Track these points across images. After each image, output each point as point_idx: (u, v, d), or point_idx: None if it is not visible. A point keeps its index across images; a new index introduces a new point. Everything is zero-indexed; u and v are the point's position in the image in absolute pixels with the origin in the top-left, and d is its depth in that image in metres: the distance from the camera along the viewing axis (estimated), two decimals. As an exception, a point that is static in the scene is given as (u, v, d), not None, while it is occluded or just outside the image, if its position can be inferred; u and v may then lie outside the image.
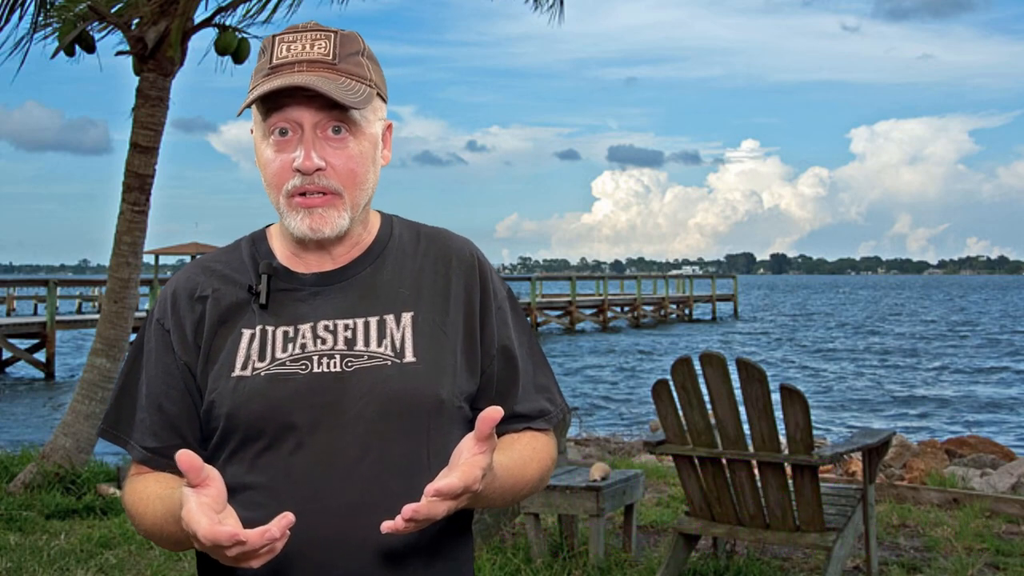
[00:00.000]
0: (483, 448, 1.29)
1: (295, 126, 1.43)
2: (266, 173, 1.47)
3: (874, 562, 4.78)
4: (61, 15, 7.07)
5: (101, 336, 6.98)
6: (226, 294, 1.50)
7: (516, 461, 1.47)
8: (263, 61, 1.46)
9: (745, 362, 4.34)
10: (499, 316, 1.56)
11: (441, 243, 1.58)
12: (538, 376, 1.59)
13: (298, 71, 1.42)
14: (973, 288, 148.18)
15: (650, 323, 44.10)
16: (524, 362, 1.57)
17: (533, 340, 1.62)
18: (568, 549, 5.11)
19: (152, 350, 1.51)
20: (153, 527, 1.43)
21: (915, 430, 15.12)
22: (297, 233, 1.46)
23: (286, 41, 1.45)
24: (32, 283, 37.60)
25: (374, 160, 1.50)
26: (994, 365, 27.11)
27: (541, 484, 1.55)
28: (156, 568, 5.01)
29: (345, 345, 1.45)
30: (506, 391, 1.54)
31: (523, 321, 1.62)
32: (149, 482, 1.47)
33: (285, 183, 1.44)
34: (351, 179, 1.45)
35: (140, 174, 6.98)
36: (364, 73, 1.47)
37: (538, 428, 1.57)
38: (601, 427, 14.12)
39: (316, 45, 1.44)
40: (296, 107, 1.42)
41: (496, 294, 1.57)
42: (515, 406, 1.54)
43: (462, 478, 1.26)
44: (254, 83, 1.46)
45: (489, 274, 1.58)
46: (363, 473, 1.40)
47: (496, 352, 1.54)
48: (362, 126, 1.46)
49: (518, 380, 1.55)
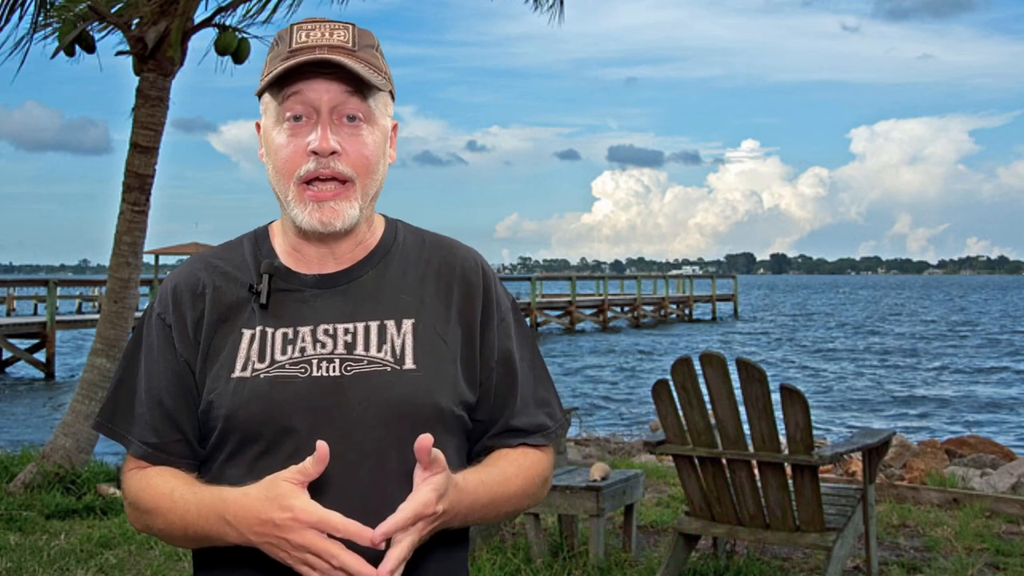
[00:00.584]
0: (432, 471, 1.32)
1: (311, 111, 1.43)
2: (277, 159, 1.46)
3: (874, 562, 4.77)
4: (61, 15, 7.07)
5: (101, 336, 6.99)
6: (227, 292, 1.49)
7: (495, 477, 1.46)
8: (281, 48, 1.46)
9: (745, 362, 4.34)
10: (502, 328, 1.54)
11: (446, 252, 1.57)
12: (539, 390, 1.57)
13: (319, 53, 1.42)
14: (973, 288, 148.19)
15: (650, 323, 44.09)
16: (524, 375, 1.56)
17: (536, 354, 1.60)
18: (568, 549, 5.11)
19: (153, 345, 1.49)
20: (177, 522, 1.40)
21: (915, 430, 15.12)
22: (305, 226, 1.45)
23: (305, 29, 1.46)
24: (32, 283, 37.61)
25: (384, 153, 1.51)
26: (994, 365, 27.10)
27: (527, 500, 1.53)
28: (156, 568, 5.01)
29: (345, 349, 1.44)
30: (503, 403, 1.53)
31: (527, 334, 1.60)
32: (166, 476, 1.44)
33: (298, 168, 1.44)
34: (364, 166, 1.46)
35: (140, 174, 6.98)
36: (380, 65, 1.49)
37: (534, 444, 1.55)
38: (601, 427, 14.12)
39: (335, 33, 1.45)
40: (314, 90, 1.43)
41: (499, 305, 1.56)
42: (512, 419, 1.53)
43: (411, 507, 1.30)
44: (270, 68, 1.46)
45: (493, 285, 1.56)
46: (361, 479, 1.39)
47: (496, 364, 1.52)
48: (376, 117, 1.47)
49: (516, 392, 1.54)
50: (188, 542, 1.43)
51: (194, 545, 1.44)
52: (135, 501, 1.46)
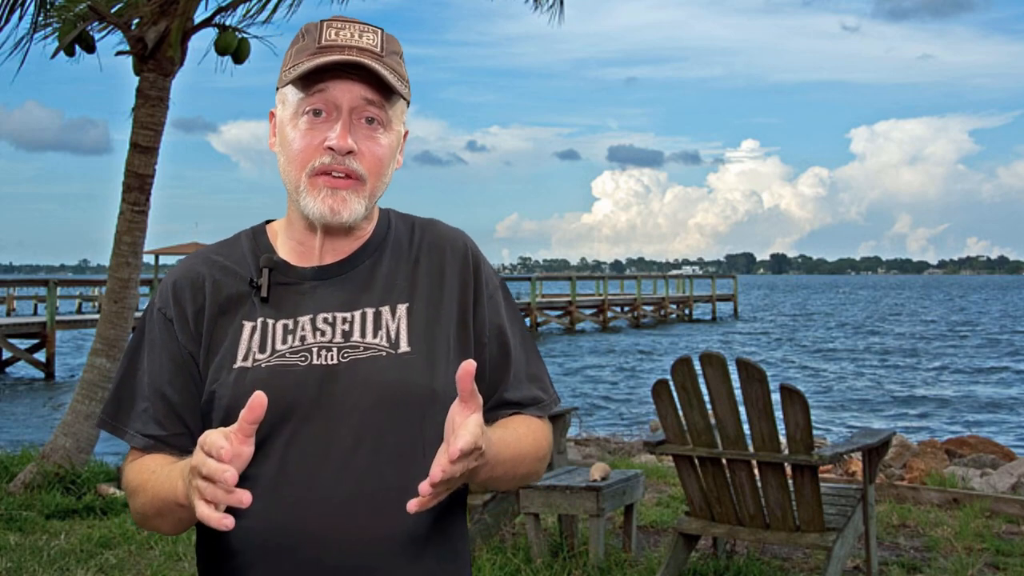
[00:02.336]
0: (471, 407, 1.30)
1: (331, 108, 1.46)
2: (291, 150, 1.48)
3: (874, 562, 4.77)
4: (61, 15, 7.07)
5: (101, 336, 6.99)
6: (226, 285, 1.52)
7: (510, 434, 1.48)
8: (308, 41, 1.48)
9: (745, 362, 4.34)
10: (491, 304, 1.57)
11: (435, 233, 1.60)
12: (530, 365, 1.60)
13: (348, 55, 1.44)
14: (973, 288, 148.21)
15: (650, 323, 44.10)
16: (517, 350, 1.58)
17: (525, 330, 1.64)
18: (568, 549, 5.11)
19: (155, 339, 1.51)
20: (154, 498, 1.42)
21: (915, 430, 15.13)
22: (314, 214, 1.47)
23: (334, 27, 1.48)
24: (32, 283, 37.63)
25: (394, 158, 1.53)
26: (994, 365, 27.11)
27: (537, 464, 1.55)
28: (156, 568, 5.01)
29: (342, 337, 1.47)
30: (499, 377, 1.55)
31: (515, 310, 1.63)
32: (158, 459, 1.47)
33: (311, 161, 1.46)
34: (376, 168, 1.49)
35: (140, 174, 6.99)
36: (403, 73, 1.52)
37: (531, 416, 1.58)
38: (601, 427, 14.13)
39: (364, 36, 1.48)
40: (339, 89, 1.45)
41: (488, 283, 1.59)
42: (505, 393, 1.55)
43: (471, 435, 1.26)
44: (297, 60, 1.47)
45: (482, 263, 1.60)
46: (358, 463, 1.41)
47: (488, 338, 1.55)
48: (392, 123, 1.50)
49: (510, 366, 1.56)
50: (160, 518, 1.44)
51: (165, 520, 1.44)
52: (127, 484, 1.50)
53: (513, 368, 1.56)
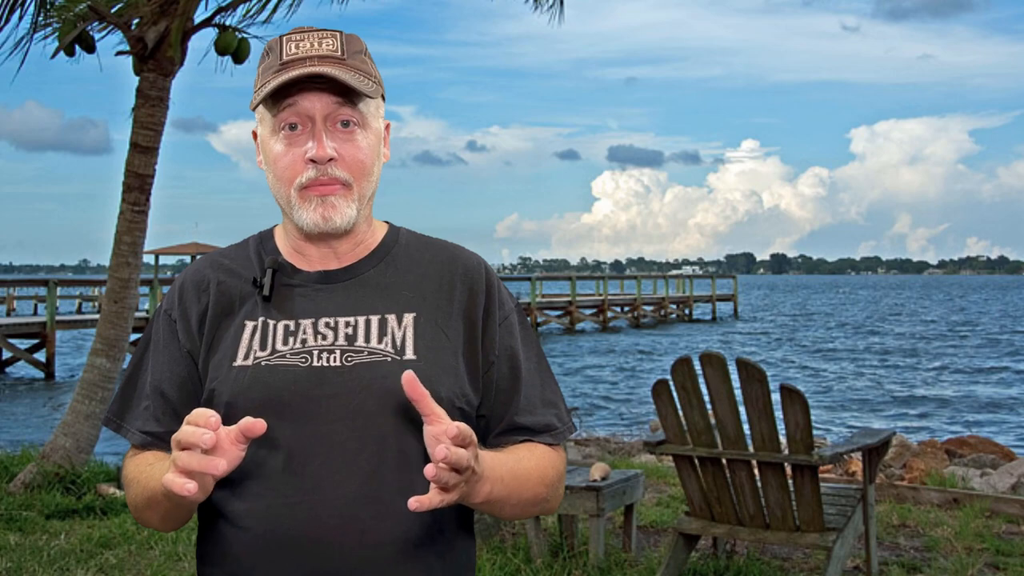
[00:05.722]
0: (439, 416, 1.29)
1: (305, 120, 1.47)
2: (276, 168, 1.49)
3: (874, 562, 4.78)
4: (61, 15, 7.07)
5: (101, 336, 6.98)
6: (231, 286, 1.53)
7: (509, 455, 1.46)
8: (271, 59, 1.50)
9: (745, 362, 4.34)
10: (505, 326, 1.55)
11: (449, 253, 1.60)
12: (546, 391, 1.58)
13: (310, 65, 1.45)
14: (973, 288, 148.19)
15: (650, 323, 44.09)
16: (530, 375, 1.56)
17: (542, 356, 1.62)
18: (568, 549, 5.11)
19: (159, 340, 1.54)
20: (144, 489, 1.43)
21: (915, 430, 15.12)
22: (308, 224, 1.48)
23: (294, 40, 1.50)
24: (32, 283, 37.62)
25: (378, 154, 1.54)
26: (994, 365, 27.10)
27: (544, 488, 1.51)
28: (156, 568, 5.00)
29: (346, 341, 1.47)
30: (507, 399, 1.53)
31: (531, 336, 1.61)
32: (153, 454, 1.49)
33: (297, 176, 1.47)
34: (360, 170, 1.49)
35: (140, 174, 6.98)
36: (370, 70, 1.52)
37: (542, 443, 1.55)
38: (601, 427, 14.12)
39: (324, 43, 1.49)
40: (308, 100, 1.46)
41: (503, 305, 1.57)
42: (517, 417, 1.53)
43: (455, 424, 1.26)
44: (263, 80, 1.49)
45: (496, 286, 1.58)
46: (361, 466, 1.41)
47: (498, 358, 1.53)
48: (368, 120, 1.51)
49: (520, 388, 1.54)
50: (150, 511, 1.45)
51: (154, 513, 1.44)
52: (124, 477, 1.52)
53: (524, 391, 1.54)
